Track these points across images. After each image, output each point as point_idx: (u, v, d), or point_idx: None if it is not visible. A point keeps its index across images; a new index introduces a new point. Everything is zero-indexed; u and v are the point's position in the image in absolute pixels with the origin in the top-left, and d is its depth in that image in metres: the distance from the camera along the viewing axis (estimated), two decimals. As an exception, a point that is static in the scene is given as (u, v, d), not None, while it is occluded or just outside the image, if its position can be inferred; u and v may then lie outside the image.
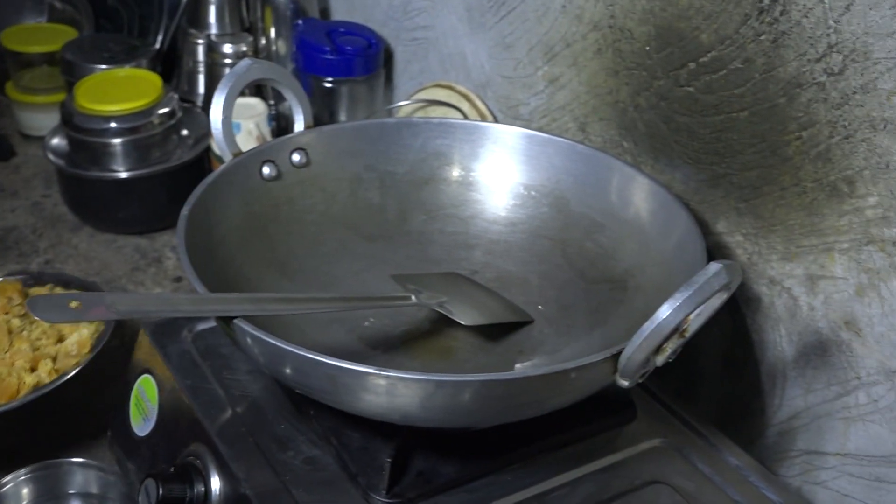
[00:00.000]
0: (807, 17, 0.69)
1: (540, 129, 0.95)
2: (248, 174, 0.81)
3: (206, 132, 1.21)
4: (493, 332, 0.78)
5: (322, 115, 1.21)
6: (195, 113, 1.27)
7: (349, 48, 1.18)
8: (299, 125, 0.86)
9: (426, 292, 0.77)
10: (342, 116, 1.22)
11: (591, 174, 0.84)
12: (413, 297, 0.75)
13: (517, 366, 0.75)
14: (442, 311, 0.76)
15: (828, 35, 0.68)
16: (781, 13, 0.71)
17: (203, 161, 1.20)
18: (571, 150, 0.86)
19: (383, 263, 0.85)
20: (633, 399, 0.76)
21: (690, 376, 0.87)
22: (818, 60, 0.69)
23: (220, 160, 0.83)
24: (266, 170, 0.82)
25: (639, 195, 0.81)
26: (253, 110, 1.18)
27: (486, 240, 0.88)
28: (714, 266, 0.57)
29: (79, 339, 0.91)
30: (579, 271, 0.83)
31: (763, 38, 0.73)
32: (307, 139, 0.85)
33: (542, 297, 0.82)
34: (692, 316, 0.58)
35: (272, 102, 1.29)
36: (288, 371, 0.62)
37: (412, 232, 0.89)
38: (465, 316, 0.77)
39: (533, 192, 0.88)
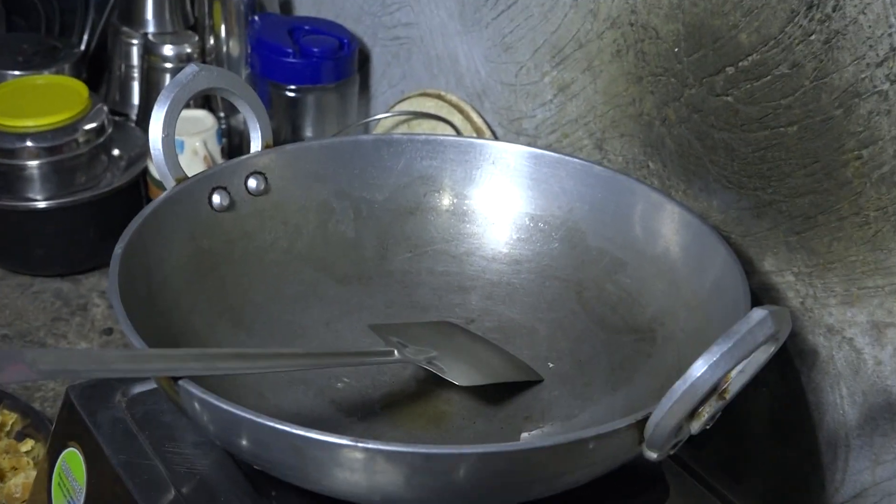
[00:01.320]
0: (864, 13, 0.71)
1: (548, 148, 0.97)
2: (195, 204, 0.82)
3: (143, 152, 1.23)
4: (494, 394, 0.79)
5: (283, 131, 1.23)
6: (129, 129, 1.29)
7: (316, 50, 1.20)
8: (256, 144, 0.87)
9: (412, 346, 0.78)
10: (308, 132, 1.23)
11: (611, 201, 0.86)
12: (396, 353, 0.76)
13: (523, 435, 0.76)
14: (431, 370, 0.77)
15: (890, 35, 0.70)
16: (834, 9, 0.73)
17: (139, 187, 1.21)
18: (587, 172, 0.87)
19: (360, 311, 0.86)
20: (665, 474, 0.77)
21: (733, 446, 0.88)
22: (879, 65, 0.71)
23: (161, 186, 0.84)
24: (216, 198, 0.83)
25: (668, 226, 0.82)
26: (200, 125, 1.19)
27: (485, 281, 0.89)
28: (759, 313, 0.58)
29: (25, 480, 0.89)
30: (598, 319, 0.84)
31: (813, 38, 0.75)
32: (266, 161, 0.87)
33: (554, 351, 0.84)
34: (733, 373, 0.59)
35: (223, 115, 1.30)
36: (244, 443, 0.63)
37: (394, 272, 0.90)
38: (459, 375, 0.78)
39: (541, 224, 0.89)
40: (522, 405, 0.79)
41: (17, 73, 1.29)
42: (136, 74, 1.35)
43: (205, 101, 1.29)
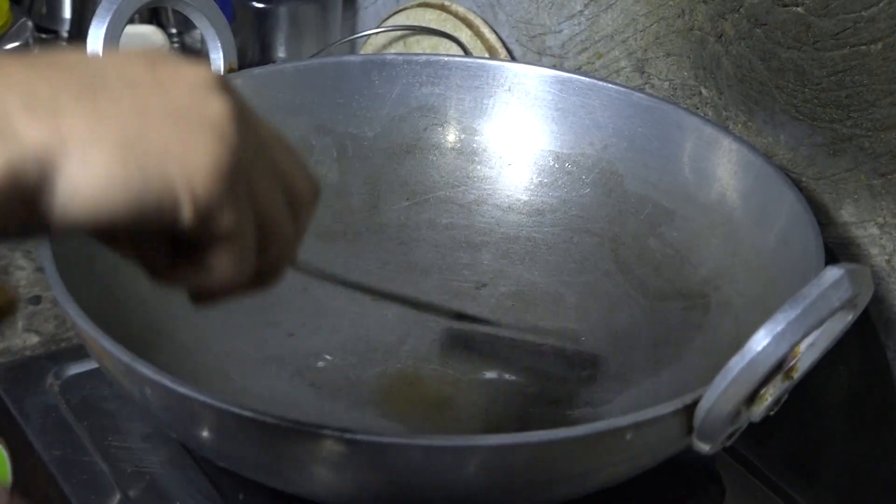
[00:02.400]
0: None
1: (577, 71, 0.96)
2: (142, 142, 0.83)
3: (76, 78, 1.23)
4: (510, 376, 0.80)
5: (250, 50, 1.22)
6: (59, 48, 1.28)
7: (290, -51, 1.19)
8: (216, 67, 0.87)
9: None
10: (280, 53, 1.23)
11: (655, 137, 0.86)
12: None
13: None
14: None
15: None
16: None
17: (72, 121, 1.21)
18: (625, 101, 0.87)
19: (346, 273, 0.86)
20: (720, 472, 0.77)
21: (803, 437, 0.89)
22: None
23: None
24: (168, 135, 0.84)
25: (725, 167, 0.83)
26: (147, 45, 1.19)
27: (499, 236, 0.90)
28: (834, 272, 0.58)
29: None
30: (638, 282, 0.85)
31: (906, -68, 0.74)
32: (229, 88, 0.87)
33: (584, 323, 0.84)
34: (802, 346, 0.60)
35: (175, 32, 1.30)
36: (204, 434, 0.64)
37: (388, 225, 0.90)
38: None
39: (568, 165, 0.90)
40: (545, 388, 0.80)
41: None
42: (67, -18, 1.35)
43: (152, 14, 1.28)
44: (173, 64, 0.46)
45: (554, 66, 0.98)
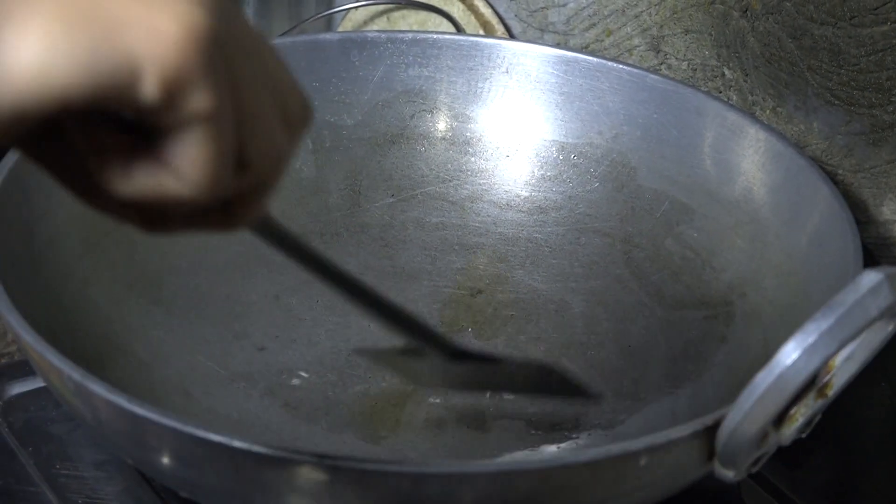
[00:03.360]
0: None
1: (584, 49, 0.97)
2: (93, 131, 0.83)
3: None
4: (510, 395, 0.81)
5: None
6: None
7: (258, -88, 1.20)
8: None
9: None
10: (248, 29, 1.23)
11: (672, 125, 0.87)
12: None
13: (550, 447, 0.78)
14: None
15: None
16: None
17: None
18: (638, 84, 0.88)
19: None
20: (745, 501, 0.78)
21: (839, 462, 0.89)
22: None
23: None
24: (122, 123, 0.84)
25: (751, 159, 0.83)
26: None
27: (496, 237, 0.91)
28: (872, 276, 0.58)
29: None
30: (654, 289, 0.85)
31: None
32: (191, 70, 0.87)
33: (592, 335, 0.85)
34: (838, 360, 0.60)
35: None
36: (165, 461, 0.64)
37: (370, 225, 0.91)
38: None
39: (574, 157, 0.90)
40: (549, 409, 0.80)
41: None
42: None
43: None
44: None
45: (558, 45, 0.98)
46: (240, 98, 0.42)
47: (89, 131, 0.42)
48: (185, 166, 0.41)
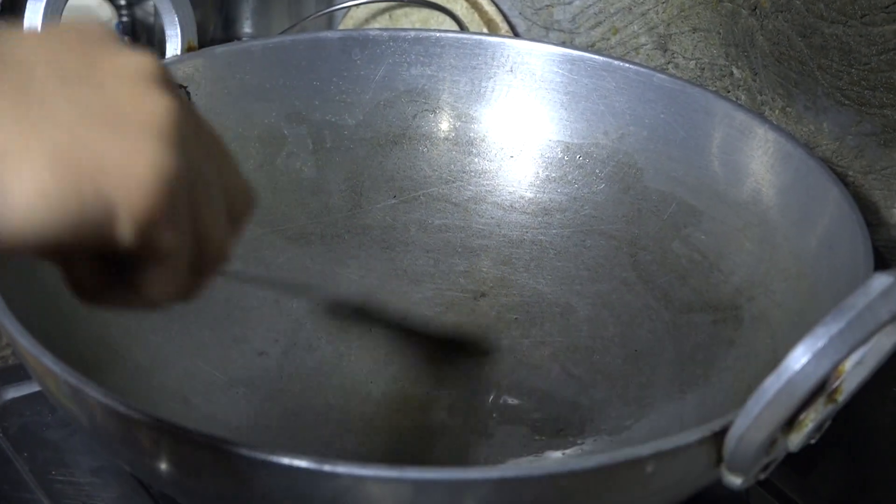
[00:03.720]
0: None
1: (590, 48, 0.97)
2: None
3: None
4: (514, 400, 0.81)
5: (212, 25, 1.23)
6: (-9, 24, 1.29)
7: None
8: (174, 45, 0.88)
9: None
10: (247, 28, 1.24)
11: (679, 125, 0.87)
12: None
13: (555, 453, 0.78)
14: None
15: None
16: None
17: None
18: (645, 83, 0.88)
19: (323, 282, 0.87)
20: (754, 509, 0.78)
21: (849, 469, 0.89)
22: None
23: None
24: (119, 123, 0.84)
25: (760, 160, 0.83)
26: (92, 18, 1.20)
27: (500, 240, 0.91)
28: (883, 280, 0.58)
29: None
30: (661, 293, 0.85)
31: None
32: (188, 69, 0.87)
33: (598, 339, 0.85)
34: (848, 365, 0.60)
35: (124, 4, 1.30)
36: (163, 467, 0.64)
37: (372, 227, 0.91)
38: None
39: (580, 158, 0.90)
40: (554, 413, 0.80)
41: None
42: (0, -54, 1.35)
43: (99, -17, 1.29)
44: (111, 52, 0.46)
45: (563, 43, 0.98)
46: (199, 219, 0.47)
47: (65, 257, 0.48)
48: (147, 287, 0.48)
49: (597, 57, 0.89)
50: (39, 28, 0.81)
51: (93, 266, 0.48)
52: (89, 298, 0.49)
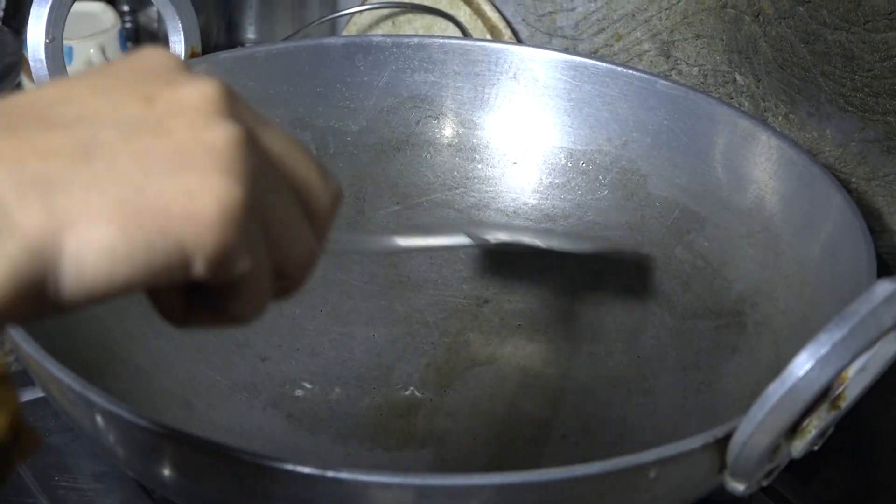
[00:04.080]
0: None
1: (593, 55, 0.97)
2: (93, 137, 0.84)
3: (16, 63, 1.23)
4: (514, 406, 0.81)
5: (216, 31, 1.23)
6: (-6, 29, 1.29)
7: (262, -85, 1.20)
8: (177, 51, 0.88)
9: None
10: (250, 34, 1.24)
11: (682, 132, 0.87)
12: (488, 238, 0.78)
13: (558, 459, 0.77)
14: (533, 242, 0.81)
15: None
16: None
17: (9, 113, 1.22)
18: (648, 90, 0.88)
19: (325, 289, 0.88)
20: (757, 516, 0.78)
21: (852, 475, 0.89)
22: None
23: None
24: (123, 129, 0.84)
25: (763, 167, 0.83)
26: (96, 25, 1.20)
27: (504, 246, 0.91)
28: (886, 286, 0.58)
29: None
30: (664, 299, 0.86)
31: None
32: (193, 75, 0.88)
33: (601, 345, 0.85)
34: (851, 371, 0.60)
35: (127, 10, 1.31)
36: (166, 472, 0.64)
37: (375, 233, 0.91)
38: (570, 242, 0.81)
39: (583, 164, 0.90)
40: (555, 419, 0.81)
41: None
42: (3, -48, 1.35)
43: (103, -11, 1.29)
44: (170, 84, 0.46)
45: (566, 50, 0.99)
46: (275, 235, 0.48)
47: (152, 293, 0.49)
48: (231, 309, 0.49)
49: (600, 63, 0.89)
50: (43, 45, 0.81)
51: (178, 293, 0.49)
52: (178, 323, 0.50)
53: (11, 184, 0.42)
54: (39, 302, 0.43)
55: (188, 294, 0.49)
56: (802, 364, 0.58)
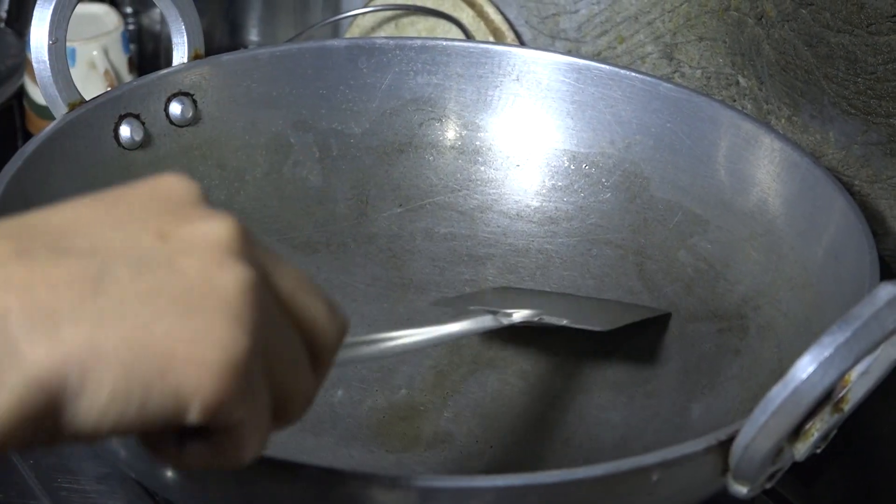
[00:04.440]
0: None
1: (596, 57, 0.97)
2: (96, 139, 0.83)
3: (18, 65, 1.24)
4: (519, 408, 0.81)
5: (219, 33, 1.23)
6: (-3, 31, 1.29)
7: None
8: (180, 53, 0.88)
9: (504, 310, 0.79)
10: (253, 36, 1.24)
11: (685, 135, 0.87)
12: (494, 318, 0.77)
13: (561, 462, 0.78)
14: (561, 323, 0.80)
15: None
16: None
17: (12, 116, 1.22)
18: (651, 92, 0.88)
19: (329, 291, 0.86)
20: (760, 519, 0.78)
21: (855, 478, 0.89)
22: None
23: (46, 115, 0.85)
24: (125, 131, 0.84)
25: (766, 169, 0.83)
26: (98, 27, 1.20)
27: (506, 248, 0.91)
28: (889, 289, 0.58)
29: None
30: (667, 302, 0.86)
31: None
32: (194, 77, 0.88)
33: (604, 348, 0.85)
34: (854, 374, 0.60)
35: (130, 12, 1.31)
36: (168, 474, 0.64)
37: (377, 235, 0.91)
38: (593, 320, 0.80)
39: (585, 167, 0.90)
40: (559, 423, 0.81)
41: None
42: (6, -47, 1.36)
43: (105, -9, 1.29)
44: (186, 220, 0.46)
45: (569, 52, 0.99)
46: (276, 378, 0.48)
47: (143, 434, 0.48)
48: (231, 453, 0.48)
49: (603, 66, 0.90)
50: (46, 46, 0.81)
51: (170, 434, 0.48)
52: (171, 464, 0.50)
53: (20, 313, 0.42)
54: (40, 432, 0.43)
55: (182, 434, 0.48)
56: (805, 367, 0.58)
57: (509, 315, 0.78)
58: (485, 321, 0.77)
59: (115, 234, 0.45)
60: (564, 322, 0.80)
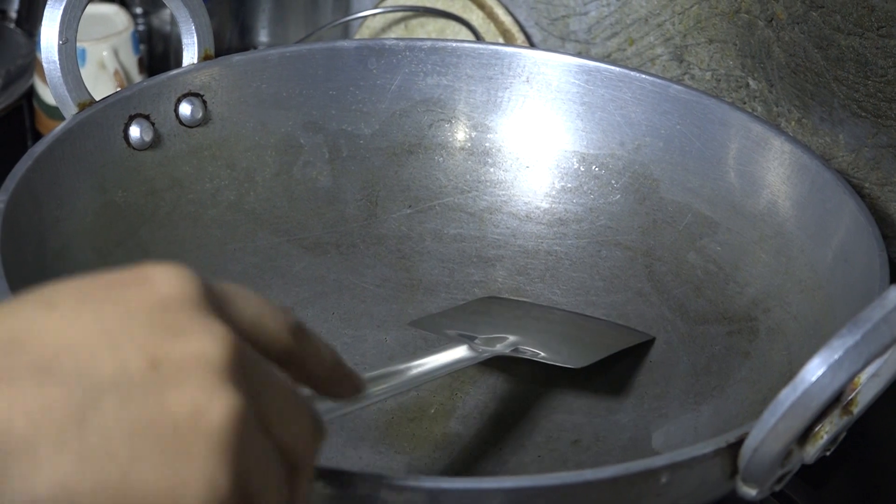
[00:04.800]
0: None
1: (606, 59, 0.97)
2: (105, 139, 0.84)
3: (28, 65, 1.24)
4: (527, 409, 0.81)
5: (229, 34, 1.23)
6: (7, 32, 1.29)
7: (275, -82, 1.20)
8: (190, 53, 0.88)
9: (480, 336, 0.79)
10: (263, 37, 1.24)
11: (695, 136, 0.87)
12: (469, 349, 0.76)
13: (569, 464, 0.78)
14: (535, 358, 0.80)
15: None
16: None
17: (21, 116, 1.22)
18: (661, 94, 0.88)
19: (338, 292, 0.88)
20: (769, 522, 0.78)
21: (864, 481, 0.89)
22: None
23: (56, 116, 0.85)
24: (135, 131, 0.85)
25: (776, 172, 0.83)
26: (109, 27, 1.20)
27: (515, 249, 0.91)
28: None
29: None
30: (676, 304, 0.86)
31: None
32: (204, 78, 0.88)
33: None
34: (863, 377, 0.60)
35: (140, 12, 1.31)
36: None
37: (387, 236, 0.92)
38: (568, 357, 0.80)
39: (595, 168, 0.90)
40: (569, 423, 0.81)
41: None
42: (16, -47, 1.36)
43: (115, -9, 1.30)
44: (182, 337, 0.45)
45: (579, 54, 0.99)
46: (255, 495, 0.46)
47: None
48: None
49: (613, 67, 0.90)
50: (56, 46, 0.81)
51: None
52: None
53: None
54: None
55: None
56: (815, 370, 0.58)
57: (480, 351, 0.77)
58: (459, 353, 0.76)
59: (105, 356, 0.44)
60: (540, 357, 0.80)
